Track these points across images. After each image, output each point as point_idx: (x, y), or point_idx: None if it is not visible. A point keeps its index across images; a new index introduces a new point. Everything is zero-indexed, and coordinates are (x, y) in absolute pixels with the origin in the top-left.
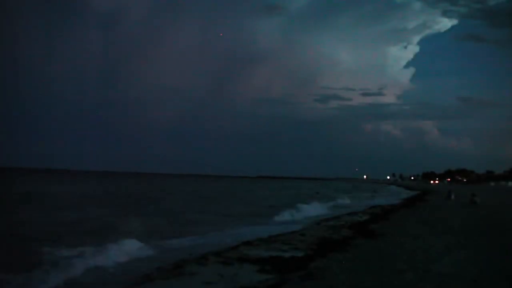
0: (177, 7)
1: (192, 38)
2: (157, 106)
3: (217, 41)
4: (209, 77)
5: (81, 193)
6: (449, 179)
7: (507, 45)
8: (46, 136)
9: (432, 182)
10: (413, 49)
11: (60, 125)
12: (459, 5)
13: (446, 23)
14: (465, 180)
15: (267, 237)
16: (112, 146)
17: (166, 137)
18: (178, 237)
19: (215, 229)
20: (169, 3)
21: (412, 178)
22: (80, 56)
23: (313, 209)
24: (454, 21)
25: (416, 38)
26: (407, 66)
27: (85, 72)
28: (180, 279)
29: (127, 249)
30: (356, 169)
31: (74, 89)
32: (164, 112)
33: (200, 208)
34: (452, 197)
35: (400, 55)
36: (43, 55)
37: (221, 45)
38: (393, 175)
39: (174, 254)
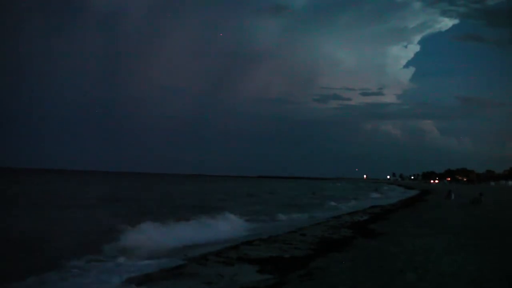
0: (177, 7)
1: (193, 37)
2: (157, 106)
3: (218, 41)
4: (209, 77)
5: None
6: (449, 179)
7: (506, 45)
8: (46, 136)
9: (432, 181)
10: (413, 49)
11: (60, 125)
12: (457, 5)
13: (447, 23)
14: (465, 179)
15: (267, 237)
16: (112, 146)
17: (166, 137)
18: None
19: None
20: (169, 2)
21: (412, 177)
22: (80, 56)
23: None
24: (455, 21)
25: (417, 38)
26: (407, 65)
27: (85, 72)
28: (180, 279)
29: None
30: (356, 169)
31: (74, 89)
32: (164, 112)
33: None
34: (452, 196)
35: (400, 55)
36: (43, 55)
37: (221, 45)
38: (393, 174)
39: None
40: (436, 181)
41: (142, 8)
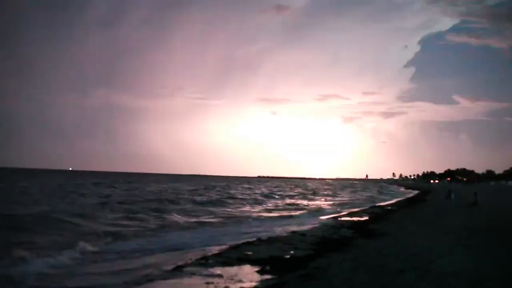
0: (178, 7)
1: (193, 37)
2: (156, 106)
3: (218, 41)
4: (209, 77)
5: None
6: (449, 179)
7: (506, 45)
8: (46, 137)
9: (432, 181)
10: (413, 48)
11: (60, 125)
12: (457, 4)
13: (447, 22)
14: (465, 179)
15: (267, 237)
16: (112, 146)
17: (166, 137)
18: None
19: None
20: (170, 2)
21: (412, 177)
22: (80, 56)
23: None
24: (455, 21)
25: (417, 38)
26: (407, 65)
27: (85, 72)
28: (180, 279)
29: None
30: (356, 169)
31: (74, 89)
32: (163, 112)
33: None
34: (452, 196)
35: (401, 55)
36: (43, 55)
37: (221, 44)
38: (393, 174)
39: None
40: (436, 181)
41: (142, 8)
